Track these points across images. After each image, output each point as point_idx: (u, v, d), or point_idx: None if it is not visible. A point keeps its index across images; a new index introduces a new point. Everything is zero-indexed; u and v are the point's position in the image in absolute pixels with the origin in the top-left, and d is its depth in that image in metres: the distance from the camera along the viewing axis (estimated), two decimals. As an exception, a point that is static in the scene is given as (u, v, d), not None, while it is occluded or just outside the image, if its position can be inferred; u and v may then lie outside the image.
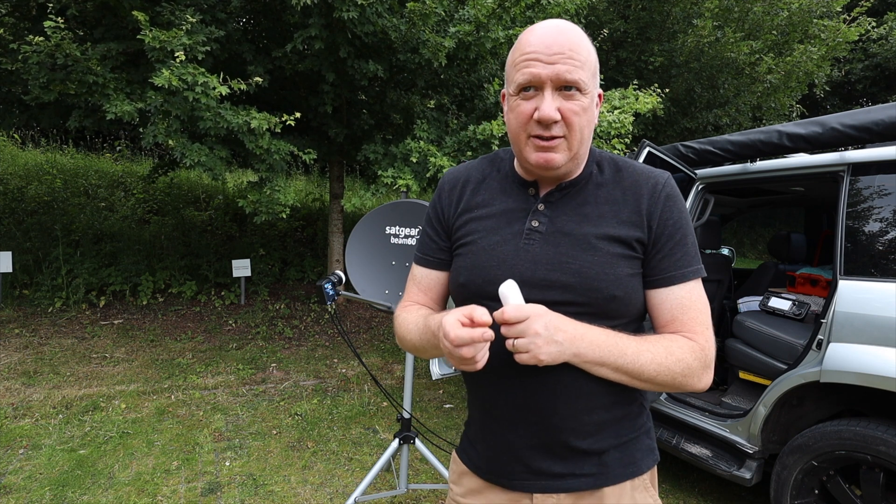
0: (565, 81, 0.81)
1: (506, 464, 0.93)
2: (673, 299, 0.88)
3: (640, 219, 0.88)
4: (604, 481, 0.90)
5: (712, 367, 0.88)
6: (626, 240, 0.87)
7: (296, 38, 4.03)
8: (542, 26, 0.84)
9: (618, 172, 0.93)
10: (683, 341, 0.86)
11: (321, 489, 2.67)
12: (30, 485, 2.58)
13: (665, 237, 0.88)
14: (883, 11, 11.81)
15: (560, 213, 0.90)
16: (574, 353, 0.80)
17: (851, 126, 2.30)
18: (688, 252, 0.89)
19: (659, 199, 0.89)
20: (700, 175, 3.02)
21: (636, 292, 0.88)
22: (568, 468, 0.89)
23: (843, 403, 2.31)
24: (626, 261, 0.87)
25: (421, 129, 4.51)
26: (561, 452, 0.89)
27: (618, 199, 0.90)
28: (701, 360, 0.86)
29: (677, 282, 0.88)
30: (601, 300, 0.85)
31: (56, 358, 4.16)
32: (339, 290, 2.21)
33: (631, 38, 7.31)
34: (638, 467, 0.93)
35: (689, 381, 0.86)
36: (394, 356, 4.84)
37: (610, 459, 0.91)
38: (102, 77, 3.64)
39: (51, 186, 6.95)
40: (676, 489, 2.84)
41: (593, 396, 0.87)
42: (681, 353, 0.84)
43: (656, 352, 0.83)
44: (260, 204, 4.17)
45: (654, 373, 0.83)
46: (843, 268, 2.17)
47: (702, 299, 0.89)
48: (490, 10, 4.16)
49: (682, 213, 0.90)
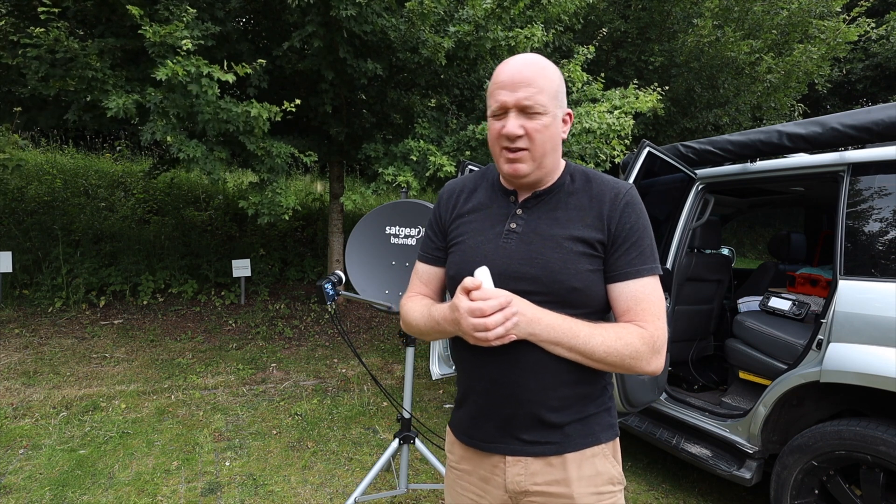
0: (524, 106, 0.99)
1: (484, 430, 1.09)
2: (628, 292, 1.01)
3: (601, 223, 1.03)
4: (565, 448, 1.04)
5: (662, 352, 1.00)
6: (589, 240, 1.02)
7: (294, 36, 4.03)
8: (511, 61, 1.02)
9: (587, 183, 1.08)
10: (634, 328, 0.99)
11: (321, 489, 2.67)
12: (30, 485, 2.58)
13: (622, 239, 1.02)
14: (883, 11, 11.80)
15: (535, 217, 1.07)
16: (530, 332, 0.95)
17: (851, 126, 2.29)
18: (643, 252, 1.03)
19: (618, 205, 1.04)
20: (700, 175, 3.02)
21: (595, 286, 1.02)
22: (534, 437, 1.04)
23: (843, 403, 2.31)
24: (587, 258, 1.02)
25: (421, 128, 4.51)
26: (530, 423, 1.04)
27: (585, 206, 1.05)
28: (649, 346, 0.98)
29: (632, 277, 1.01)
30: (563, 291, 1.00)
31: (56, 358, 4.16)
32: (339, 290, 2.21)
33: (631, 38, 7.30)
34: (597, 438, 1.07)
35: (638, 364, 0.98)
36: (394, 356, 4.83)
37: (572, 431, 1.05)
38: (101, 73, 3.64)
39: (51, 186, 6.95)
40: (676, 489, 2.84)
41: (558, 374, 1.01)
42: (630, 338, 0.97)
43: (607, 336, 0.97)
44: (262, 206, 4.16)
45: (603, 353, 0.96)
46: (843, 268, 2.17)
47: (655, 293, 1.02)
48: (488, 11, 4.16)
49: (640, 219, 1.04)
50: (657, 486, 2.87)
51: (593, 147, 4.42)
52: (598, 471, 1.05)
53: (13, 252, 5.06)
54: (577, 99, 4.96)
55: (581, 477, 1.04)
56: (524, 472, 1.05)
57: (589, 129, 4.31)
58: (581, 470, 1.04)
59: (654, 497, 2.76)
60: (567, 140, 4.43)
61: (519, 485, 1.06)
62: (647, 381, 2.70)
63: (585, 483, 1.04)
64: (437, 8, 3.96)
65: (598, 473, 1.05)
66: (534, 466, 1.05)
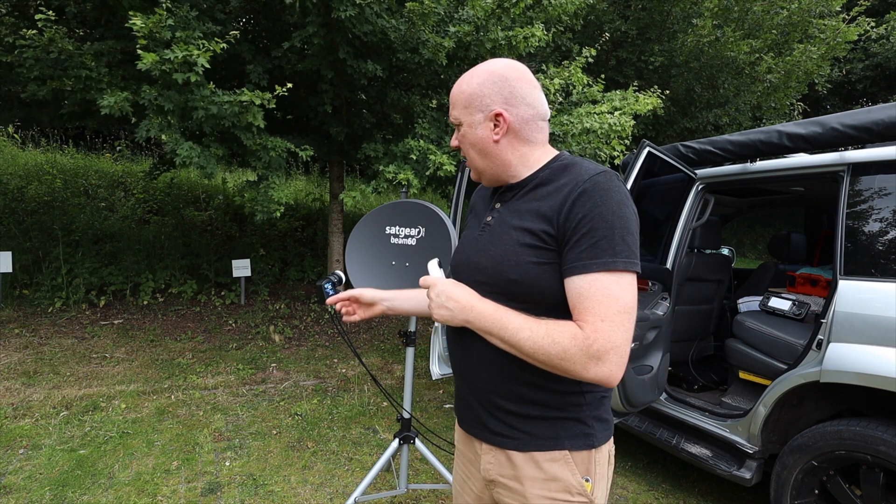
0: (453, 122, 1.10)
1: (463, 414, 1.15)
2: (573, 288, 0.92)
3: (553, 213, 0.96)
4: (525, 445, 1.02)
5: (603, 358, 0.87)
6: (535, 231, 0.97)
7: (294, 36, 4.03)
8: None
9: (562, 172, 1.01)
10: (569, 327, 0.90)
11: (321, 489, 2.67)
12: (30, 485, 2.58)
13: (571, 230, 0.93)
14: (883, 11, 11.80)
15: (506, 211, 1.07)
16: (464, 319, 0.97)
17: (851, 126, 2.29)
18: (596, 245, 0.90)
19: (572, 194, 0.94)
20: (700, 175, 3.02)
21: (539, 279, 0.96)
22: (498, 427, 1.05)
23: (843, 403, 2.31)
24: (532, 250, 0.97)
25: (422, 128, 4.50)
26: (492, 411, 1.06)
27: (546, 196, 0.99)
28: (582, 349, 0.87)
29: (578, 272, 0.91)
30: (503, 282, 0.99)
31: (56, 358, 4.16)
32: (339, 290, 2.20)
33: (631, 38, 7.30)
34: (560, 443, 1.01)
35: (569, 366, 0.88)
36: (394, 356, 4.84)
37: (534, 429, 1.02)
38: (96, 72, 3.63)
39: (51, 186, 6.95)
40: (676, 489, 2.84)
41: (506, 367, 1.01)
42: (561, 337, 0.88)
43: (536, 332, 0.90)
44: (256, 202, 4.15)
45: (530, 350, 0.91)
46: (843, 268, 2.17)
47: (604, 291, 0.89)
48: (489, 12, 4.16)
49: (597, 208, 0.91)
50: (657, 486, 2.87)
51: (593, 147, 4.42)
52: (556, 476, 1.01)
53: (13, 252, 5.06)
54: (577, 100, 4.97)
55: (535, 478, 1.02)
56: (494, 462, 1.08)
57: (590, 130, 4.31)
58: (536, 471, 1.02)
59: (654, 497, 2.76)
60: (566, 140, 4.46)
61: (488, 473, 1.09)
62: (647, 380, 2.71)
63: (539, 485, 1.02)
64: (437, 8, 3.95)
65: (554, 478, 1.01)
66: (500, 457, 1.06)
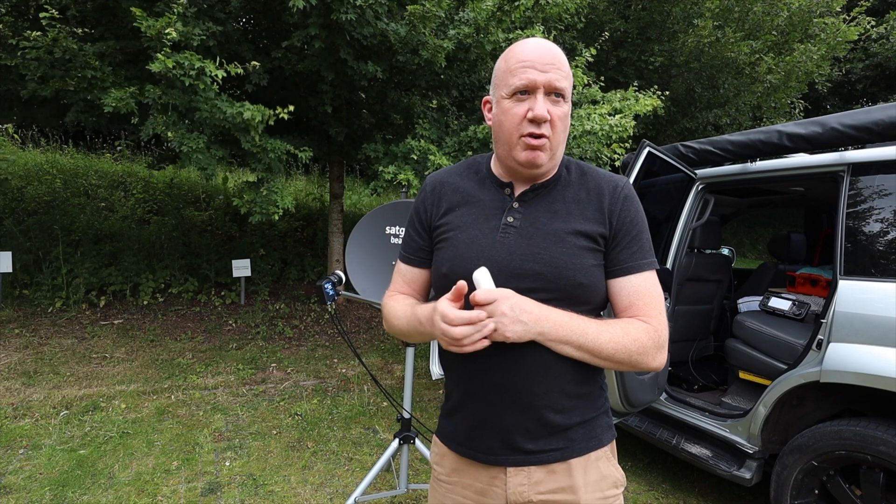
0: (555, 88, 0.95)
1: (484, 440, 1.01)
2: (630, 287, 0.99)
3: (602, 216, 1.00)
4: (570, 453, 1.00)
5: (665, 347, 0.98)
6: (591, 234, 0.99)
7: (293, 37, 4.03)
8: (533, 40, 0.98)
9: (583, 176, 1.05)
10: (639, 323, 0.96)
11: (321, 489, 2.67)
12: (30, 485, 2.58)
13: (623, 233, 1.00)
14: (883, 11, 11.79)
15: (533, 210, 1.01)
16: (538, 332, 0.90)
17: (851, 126, 2.29)
18: (643, 246, 1.01)
19: (618, 199, 1.01)
20: (700, 175, 3.02)
21: (599, 281, 0.99)
22: (539, 445, 0.99)
23: (843, 403, 2.31)
24: (591, 253, 0.98)
25: (422, 129, 4.50)
26: (534, 429, 0.98)
27: (583, 200, 1.02)
28: (654, 340, 0.96)
29: (634, 272, 0.99)
30: (569, 287, 0.96)
31: (56, 358, 4.16)
32: (339, 290, 2.21)
33: (631, 38, 7.30)
34: (599, 441, 1.04)
35: (644, 360, 0.95)
36: (394, 356, 4.83)
37: (575, 435, 1.01)
38: (101, 72, 3.63)
39: (51, 186, 6.94)
40: (676, 489, 2.84)
41: (563, 374, 0.97)
42: (636, 333, 0.95)
43: (614, 332, 0.93)
44: (255, 204, 4.15)
45: (612, 350, 0.93)
46: (843, 268, 2.17)
47: (655, 288, 1.00)
48: (489, 14, 4.16)
49: (639, 213, 1.03)
50: (657, 486, 2.87)
51: (594, 149, 4.42)
52: (603, 474, 1.03)
53: (13, 252, 5.06)
54: (577, 101, 4.96)
55: (587, 482, 1.00)
56: (527, 482, 0.99)
57: (590, 131, 4.31)
58: (587, 475, 1.01)
59: (654, 497, 2.76)
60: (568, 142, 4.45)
61: (522, 495, 1.00)
62: (647, 381, 2.70)
63: (592, 488, 1.01)
64: (438, 11, 3.95)
65: (602, 477, 1.02)
66: (537, 475, 0.99)
